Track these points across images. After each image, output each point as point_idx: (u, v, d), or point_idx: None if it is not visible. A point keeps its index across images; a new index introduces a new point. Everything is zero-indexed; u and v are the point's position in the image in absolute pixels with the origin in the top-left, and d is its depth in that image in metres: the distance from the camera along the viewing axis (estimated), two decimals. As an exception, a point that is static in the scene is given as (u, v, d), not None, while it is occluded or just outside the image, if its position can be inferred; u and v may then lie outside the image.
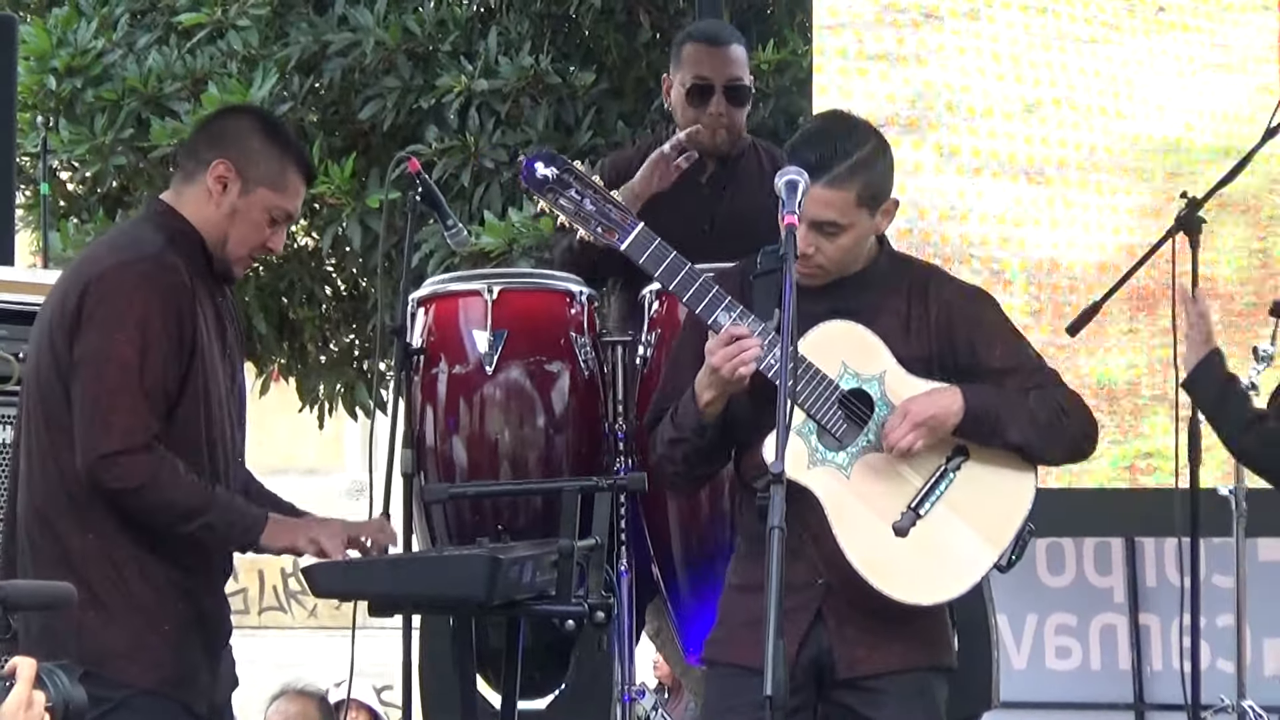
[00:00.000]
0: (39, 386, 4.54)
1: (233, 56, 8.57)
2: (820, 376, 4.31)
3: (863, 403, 4.35)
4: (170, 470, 4.45)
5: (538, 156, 4.45)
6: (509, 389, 5.33)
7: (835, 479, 4.31)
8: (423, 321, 5.41)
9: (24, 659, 2.87)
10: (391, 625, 5.06)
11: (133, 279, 4.47)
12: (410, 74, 8.43)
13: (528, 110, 8.30)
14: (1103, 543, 8.68)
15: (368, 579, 4.67)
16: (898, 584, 4.28)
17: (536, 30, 8.52)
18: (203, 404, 4.53)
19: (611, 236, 4.39)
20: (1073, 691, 8.68)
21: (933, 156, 7.54)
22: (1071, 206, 7.51)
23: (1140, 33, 7.61)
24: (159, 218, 4.64)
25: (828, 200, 4.32)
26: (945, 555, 4.35)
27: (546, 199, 4.43)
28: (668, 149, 5.81)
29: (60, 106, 8.71)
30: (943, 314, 4.44)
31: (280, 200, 4.63)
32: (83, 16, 8.81)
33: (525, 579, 4.71)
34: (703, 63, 5.98)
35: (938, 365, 4.42)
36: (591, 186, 4.40)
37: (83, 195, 9.22)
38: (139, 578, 4.48)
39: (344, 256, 9.04)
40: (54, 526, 4.49)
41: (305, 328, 9.33)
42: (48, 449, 4.51)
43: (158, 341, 4.43)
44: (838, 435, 4.33)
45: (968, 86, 7.62)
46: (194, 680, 4.53)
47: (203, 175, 4.60)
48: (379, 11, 8.41)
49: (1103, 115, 7.59)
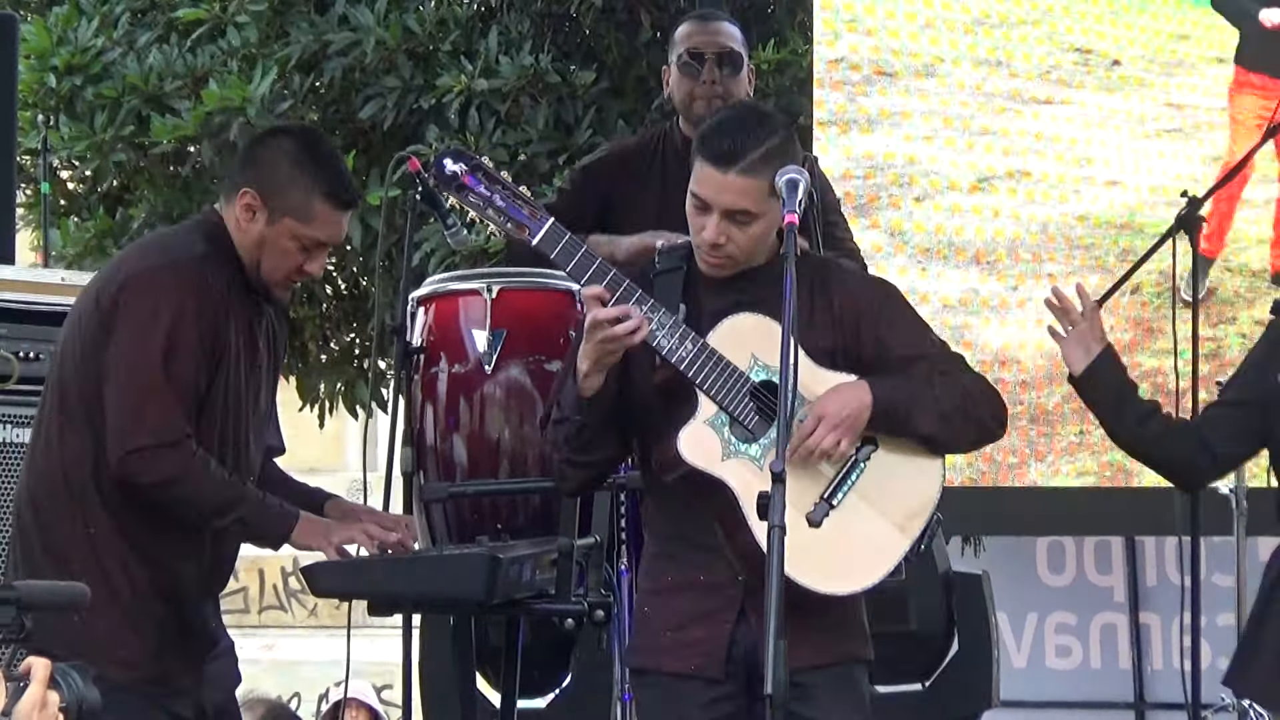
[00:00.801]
0: (60, 373, 4.57)
1: (233, 55, 8.57)
2: (731, 369, 4.30)
3: (773, 394, 4.32)
4: (201, 465, 4.47)
5: (446, 153, 4.42)
6: (509, 388, 5.32)
7: (749, 471, 4.28)
8: (423, 320, 5.40)
9: (39, 659, 2.87)
10: (391, 624, 5.06)
11: (168, 280, 4.50)
12: (411, 73, 8.43)
13: (528, 109, 8.30)
14: (1103, 542, 8.70)
15: (367, 578, 4.67)
16: (814, 575, 4.25)
17: (537, 30, 8.52)
18: (223, 412, 4.56)
19: (522, 233, 4.37)
20: (1073, 690, 8.69)
21: (885, 239, 7.55)
22: (1024, 304, 7.49)
23: (1096, 89, 7.60)
24: (209, 227, 4.66)
25: (741, 188, 4.29)
26: (859, 545, 4.33)
27: (456, 195, 4.40)
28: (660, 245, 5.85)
29: (61, 104, 8.71)
30: (846, 305, 4.42)
31: (307, 230, 4.60)
32: (83, 15, 8.81)
33: (525, 578, 4.70)
34: (694, 37, 6.00)
35: (843, 356, 4.39)
36: (500, 183, 4.39)
37: (83, 194, 9.22)
38: (122, 575, 4.50)
39: (344, 255, 9.04)
40: (45, 513, 4.53)
41: (306, 326, 9.33)
42: (54, 435, 4.55)
43: (187, 343, 4.46)
44: (750, 427, 4.31)
45: (915, 156, 7.61)
46: (171, 683, 4.55)
47: (234, 199, 4.62)
48: (379, 11, 8.41)
49: (1059, 187, 7.59)
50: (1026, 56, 7.64)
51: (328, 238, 4.65)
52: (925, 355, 4.44)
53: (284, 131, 5.09)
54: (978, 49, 7.70)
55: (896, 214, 7.60)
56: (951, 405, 4.38)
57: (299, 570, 4.92)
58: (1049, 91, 7.63)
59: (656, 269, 4.47)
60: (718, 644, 4.34)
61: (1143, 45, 7.62)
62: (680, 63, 5.95)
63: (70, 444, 4.52)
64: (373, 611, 4.77)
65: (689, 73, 5.94)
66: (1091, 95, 7.60)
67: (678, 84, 5.98)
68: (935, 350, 4.49)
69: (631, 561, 5.31)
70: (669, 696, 4.39)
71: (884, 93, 7.70)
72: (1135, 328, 7.52)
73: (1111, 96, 7.59)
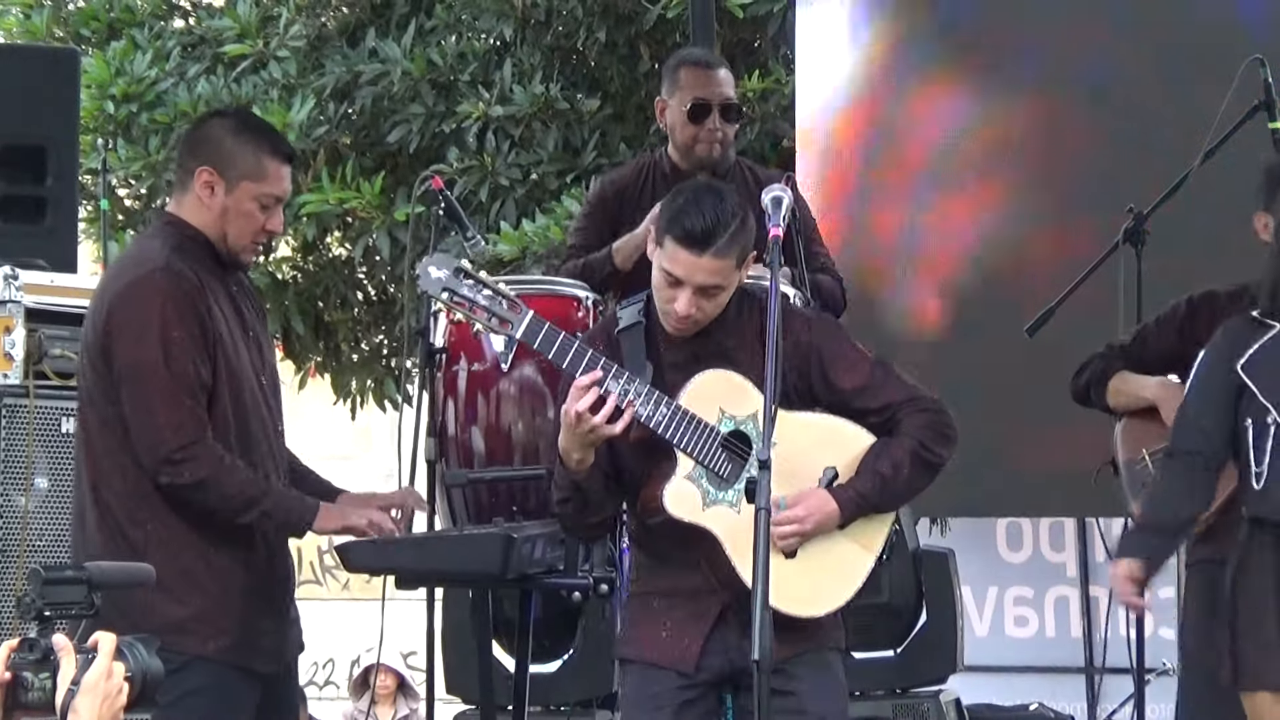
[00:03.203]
0: (90, 396, 4.52)
1: (274, 85, 8.59)
2: (702, 425, 4.27)
3: (742, 442, 4.32)
4: (227, 464, 4.42)
5: (430, 261, 4.37)
6: (522, 384, 5.32)
7: (728, 516, 4.27)
8: (444, 323, 5.41)
9: (105, 634, 2.87)
10: (416, 597, 5.06)
11: (147, 291, 4.43)
12: (434, 101, 8.45)
13: (539, 133, 8.32)
14: (1057, 522, 8.69)
15: (395, 556, 4.66)
16: (794, 602, 4.25)
17: (547, 62, 8.53)
18: (231, 392, 4.48)
19: (505, 328, 4.33)
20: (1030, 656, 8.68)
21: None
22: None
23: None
24: (165, 229, 4.60)
25: (715, 269, 4.26)
26: (831, 568, 4.33)
27: (441, 299, 4.35)
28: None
29: (118, 129, 8.74)
30: (791, 345, 4.33)
31: (264, 188, 4.56)
32: (139, 49, 8.83)
33: (536, 555, 4.70)
34: (700, 85, 5.98)
35: (795, 393, 4.34)
36: (483, 284, 4.35)
37: (138, 210, 9.24)
38: (197, 560, 4.43)
39: (374, 265, 9.06)
40: (117, 520, 4.44)
41: (339, 329, 9.34)
42: (110, 450, 4.46)
43: (181, 343, 4.40)
44: (724, 475, 4.29)
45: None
46: (257, 644, 4.49)
47: (191, 183, 4.56)
48: (406, 45, 8.43)
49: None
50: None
51: (282, 191, 4.60)
52: (870, 386, 4.36)
53: (216, 114, 5.07)
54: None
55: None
56: (905, 477, 4.33)
57: (333, 549, 4.90)
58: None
59: (620, 325, 4.41)
60: (694, 642, 4.33)
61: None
62: (688, 109, 5.93)
63: (120, 457, 4.44)
64: (400, 586, 4.78)
65: (694, 119, 5.93)
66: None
67: (681, 128, 5.94)
68: (879, 380, 4.39)
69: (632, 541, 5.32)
70: (647, 680, 4.38)
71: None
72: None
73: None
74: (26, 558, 5.33)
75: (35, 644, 2.85)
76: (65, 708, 2.79)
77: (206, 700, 4.36)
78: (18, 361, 5.42)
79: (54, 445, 5.43)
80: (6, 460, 5.39)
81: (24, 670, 2.84)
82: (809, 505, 4.29)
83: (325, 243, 9.13)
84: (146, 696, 2.89)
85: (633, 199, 6.04)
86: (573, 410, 4.19)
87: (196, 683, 4.33)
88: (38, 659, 2.84)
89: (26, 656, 2.84)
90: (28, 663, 2.84)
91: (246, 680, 4.47)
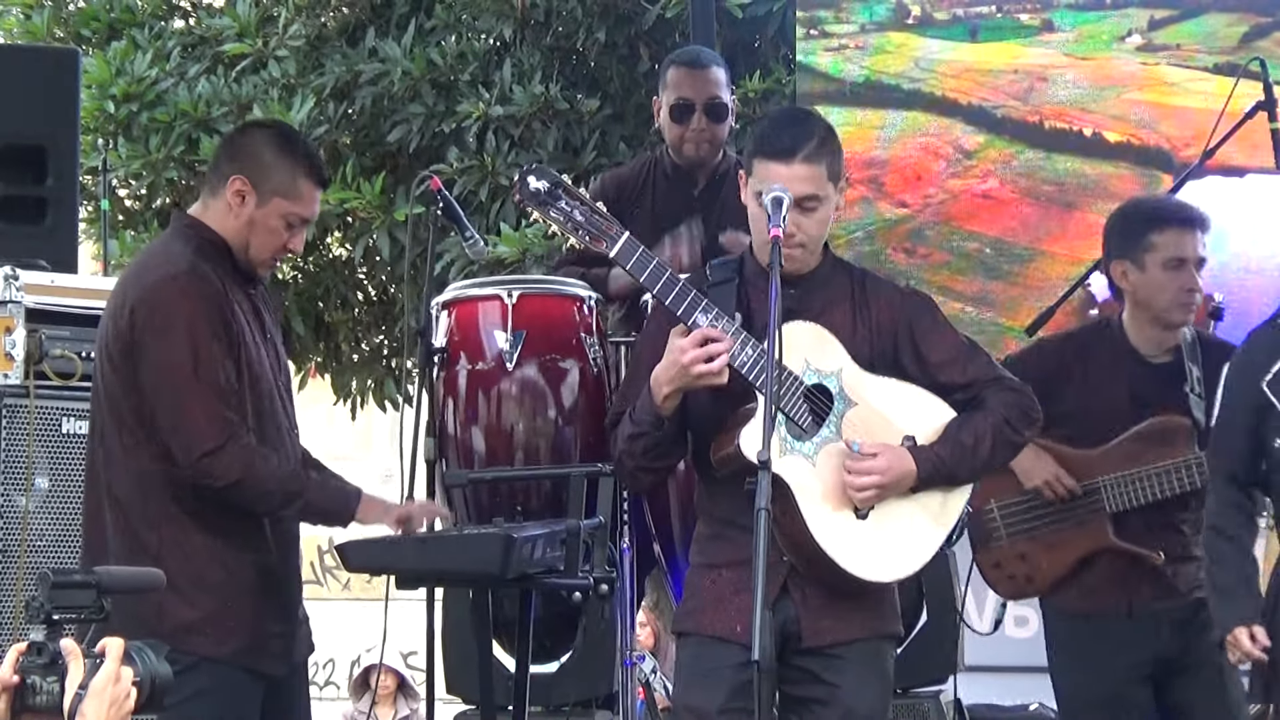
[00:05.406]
0: (106, 397, 4.52)
1: (273, 84, 8.60)
2: (787, 373, 4.28)
3: (824, 396, 4.33)
4: (261, 459, 4.44)
5: (530, 171, 4.39)
6: (524, 384, 5.32)
7: (803, 467, 4.28)
8: (445, 323, 5.40)
9: (113, 638, 2.88)
10: (416, 597, 5.07)
11: (172, 293, 4.46)
12: (434, 101, 8.45)
13: (539, 133, 8.32)
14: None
15: (396, 556, 4.68)
16: (861, 563, 4.26)
17: (547, 62, 8.53)
18: (253, 394, 4.52)
19: (600, 244, 4.34)
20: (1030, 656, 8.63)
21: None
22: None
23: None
24: (186, 231, 4.63)
25: (807, 175, 4.29)
26: (901, 536, 4.34)
27: (540, 210, 4.36)
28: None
29: (119, 129, 8.74)
30: (882, 313, 4.41)
31: (294, 207, 4.60)
32: (139, 49, 8.84)
33: (537, 555, 4.71)
34: (684, 85, 6.00)
35: (880, 363, 4.38)
36: (579, 199, 4.37)
37: (139, 209, 9.24)
38: (211, 562, 4.45)
39: (374, 265, 9.06)
40: (132, 523, 4.45)
41: (339, 329, 9.35)
42: (126, 451, 4.47)
43: (207, 343, 4.43)
44: (804, 426, 4.30)
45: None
46: (266, 646, 4.51)
47: (223, 190, 4.59)
48: (406, 44, 8.43)
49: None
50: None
51: (311, 214, 4.64)
52: (956, 359, 4.41)
53: (258, 125, 5.08)
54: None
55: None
56: (987, 450, 4.37)
57: (333, 548, 4.91)
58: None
59: (710, 281, 4.43)
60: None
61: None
62: (671, 109, 5.95)
63: (139, 459, 4.45)
64: (400, 585, 4.78)
65: (679, 119, 5.94)
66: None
67: (668, 126, 5.99)
68: (965, 354, 4.44)
69: (632, 540, 5.32)
70: (704, 655, 4.38)
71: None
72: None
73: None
74: (27, 558, 5.34)
75: (43, 648, 2.87)
76: (72, 711, 2.80)
77: (214, 701, 4.38)
78: (18, 362, 5.43)
79: (54, 445, 5.45)
80: (6, 460, 5.40)
81: (32, 674, 2.86)
82: (889, 458, 4.30)
83: (325, 243, 9.14)
84: (155, 701, 2.91)
85: (633, 196, 6.05)
86: (687, 355, 4.20)
87: (205, 683, 4.34)
88: (46, 663, 2.86)
89: (35, 660, 2.86)
90: (36, 666, 2.86)
91: (254, 681, 4.49)
